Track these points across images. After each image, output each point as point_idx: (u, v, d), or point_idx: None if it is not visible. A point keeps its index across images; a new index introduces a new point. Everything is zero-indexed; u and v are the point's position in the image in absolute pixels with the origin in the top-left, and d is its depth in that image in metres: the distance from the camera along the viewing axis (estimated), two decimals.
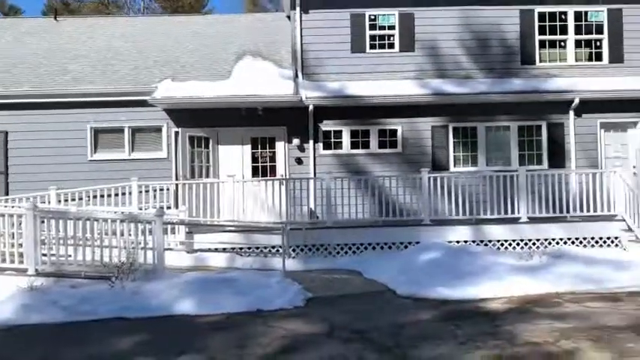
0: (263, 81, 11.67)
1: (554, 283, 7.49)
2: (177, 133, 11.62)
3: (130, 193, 10.70)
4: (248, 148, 11.90)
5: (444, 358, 4.74)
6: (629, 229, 9.54)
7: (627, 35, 12.41)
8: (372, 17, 12.48)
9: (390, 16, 12.48)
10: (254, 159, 11.90)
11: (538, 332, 5.42)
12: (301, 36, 12.40)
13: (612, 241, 9.77)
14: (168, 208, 10.51)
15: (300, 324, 5.95)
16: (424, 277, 7.76)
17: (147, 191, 10.69)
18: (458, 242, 9.71)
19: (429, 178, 10.12)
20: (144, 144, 11.91)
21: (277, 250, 9.28)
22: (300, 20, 12.41)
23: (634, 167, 11.58)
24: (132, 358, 4.87)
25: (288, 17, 12.96)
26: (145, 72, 12.54)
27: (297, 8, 12.37)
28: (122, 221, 7.93)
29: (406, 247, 9.68)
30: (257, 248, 9.73)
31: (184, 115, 11.68)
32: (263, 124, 11.77)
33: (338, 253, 9.79)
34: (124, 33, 15.00)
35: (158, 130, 11.87)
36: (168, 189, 11.10)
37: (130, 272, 7.22)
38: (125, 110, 11.66)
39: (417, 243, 9.58)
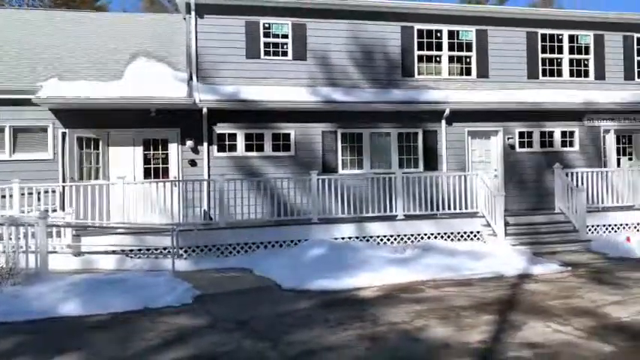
0: (157, 83, 11.69)
1: (420, 273, 8.48)
2: (64, 133, 11.27)
3: (10, 196, 10.20)
4: (140, 149, 11.84)
5: (314, 339, 5.35)
6: (488, 225, 10.93)
7: (492, 53, 14.07)
8: (267, 25, 12.98)
9: (284, 25, 13.07)
10: (146, 160, 11.86)
11: (399, 314, 6.24)
12: (196, 40, 12.57)
13: (475, 235, 11.12)
14: (54, 210, 10.21)
15: (185, 319, 6.27)
16: (309, 272, 8.38)
17: (30, 194, 10.26)
18: (343, 239, 10.52)
19: (318, 179, 10.81)
20: (27, 145, 11.40)
21: (168, 252, 9.42)
22: (196, 24, 12.58)
23: (495, 170, 13.22)
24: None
25: (185, 19, 13.07)
26: (29, 69, 11.97)
27: (193, 13, 12.53)
28: (1, 224, 7.68)
29: (296, 244, 10.28)
30: (148, 250, 9.80)
31: (72, 115, 11.36)
32: (156, 125, 11.78)
33: (230, 252, 10.15)
34: (6, 27, 14.12)
35: (43, 130, 11.42)
36: (54, 191, 10.73)
37: (10, 276, 7.06)
38: (6, 109, 11.10)
39: (306, 240, 10.22)
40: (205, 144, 11.94)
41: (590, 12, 14.64)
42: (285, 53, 13.10)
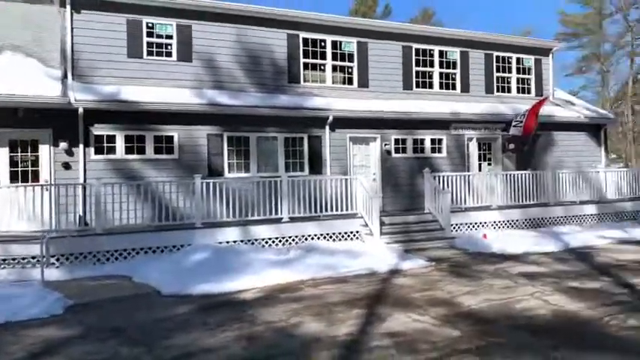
0: (25, 79, 10.86)
1: (302, 273, 8.85)
2: None
3: None
4: (5, 151, 10.83)
5: (192, 342, 5.43)
6: (366, 225, 11.65)
7: (372, 65, 15.00)
8: (150, 25, 12.64)
9: (168, 25, 12.81)
10: (13, 163, 10.87)
11: (277, 313, 6.52)
12: (72, 36, 11.89)
13: (354, 235, 11.79)
14: None
15: (55, 330, 6.00)
16: (190, 277, 8.36)
17: None
18: (228, 242, 10.57)
19: (202, 183, 10.75)
20: None
21: (38, 261, 8.81)
22: (72, 19, 11.89)
23: (374, 174, 14.11)
24: None
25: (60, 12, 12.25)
26: None
27: (68, 7, 11.84)
28: None
29: (179, 249, 10.13)
30: (14, 259, 9.06)
31: None
32: (25, 125, 10.89)
33: (108, 259, 9.72)
34: None
35: None
36: None
37: None
38: None
39: (189, 245, 10.14)
40: (81, 146, 11.29)
41: (458, 31, 16.19)
42: (169, 54, 12.85)
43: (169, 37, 12.86)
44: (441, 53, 15.88)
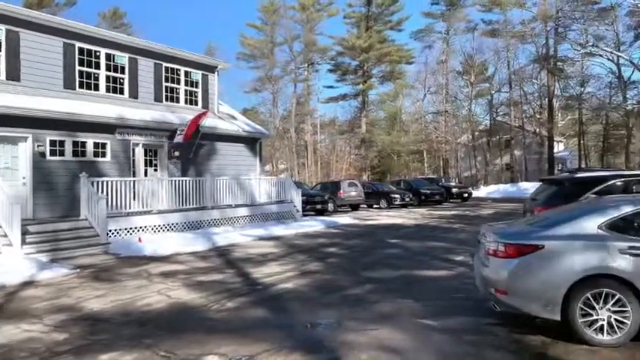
0: None
1: None
2: None
3: None
4: None
5: None
6: (6, 235, 10.49)
7: (25, 57, 13.55)
8: None
9: None
10: None
11: None
12: None
13: None
14: None
15: None
16: None
17: None
18: None
19: None
20: None
21: None
22: None
23: (24, 178, 12.81)
24: None
25: None
26: None
27: None
28: None
29: None
30: None
31: None
32: None
33: None
34: None
35: None
36: None
37: None
38: None
39: None
40: None
41: (126, 37, 16.24)
42: None
43: None
44: (108, 56, 15.57)
